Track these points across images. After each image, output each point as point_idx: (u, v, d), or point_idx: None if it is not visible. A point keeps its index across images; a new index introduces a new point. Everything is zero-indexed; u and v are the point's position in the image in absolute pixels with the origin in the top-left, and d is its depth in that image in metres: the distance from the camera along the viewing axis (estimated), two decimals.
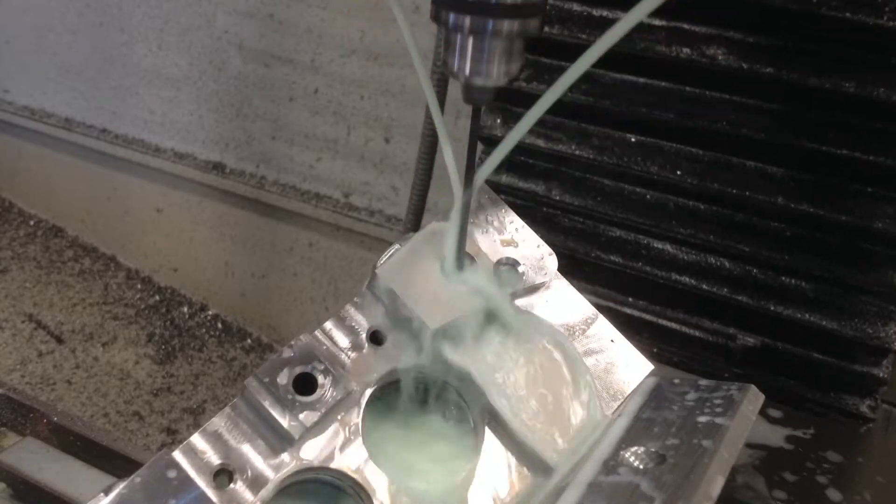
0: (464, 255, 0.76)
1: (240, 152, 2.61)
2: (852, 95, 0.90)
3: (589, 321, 0.80)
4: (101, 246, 3.10)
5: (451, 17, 0.63)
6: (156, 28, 2.63)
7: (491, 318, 0.76)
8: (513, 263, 0.79)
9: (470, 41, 0.64)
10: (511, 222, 0.81)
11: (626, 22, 0.61)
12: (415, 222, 1.71)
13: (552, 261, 0.81)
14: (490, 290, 0.76)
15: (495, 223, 0.81)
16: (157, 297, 2.91)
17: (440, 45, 1.23)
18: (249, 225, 2.67)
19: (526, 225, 0.82)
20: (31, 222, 3.20)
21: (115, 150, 2.84)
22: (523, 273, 0.79)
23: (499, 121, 1.10)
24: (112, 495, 0.62)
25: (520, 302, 0.79)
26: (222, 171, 2.65)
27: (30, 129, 3.04)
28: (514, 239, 0.80)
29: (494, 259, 0.79)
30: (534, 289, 0.80)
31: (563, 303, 0.80)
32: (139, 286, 2.95)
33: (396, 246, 0.77)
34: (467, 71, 0.65)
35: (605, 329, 0.80)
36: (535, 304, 0.79)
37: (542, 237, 0.82)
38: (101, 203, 3.01)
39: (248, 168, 2.61)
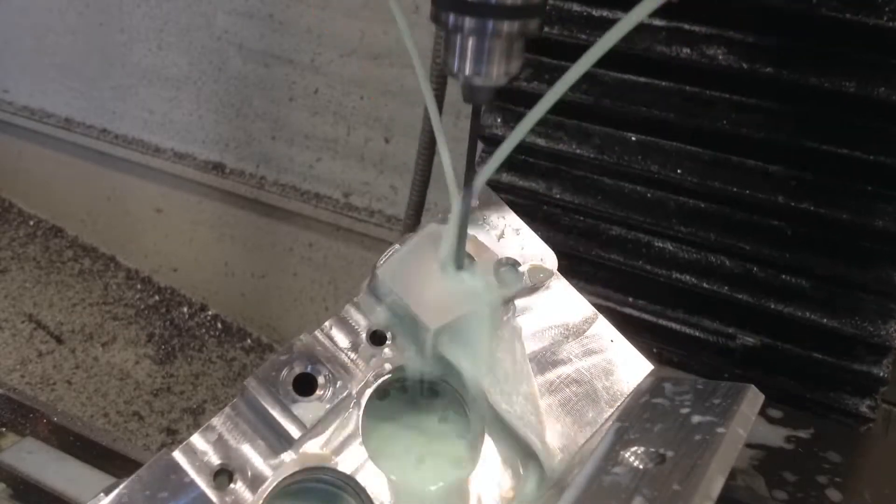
0: (464, 255, 0.76)
1: (240, 152, 2.61)
2: (852, 95, 0.90)
3: (589, 321, 0.80)
4: (101, 246, 3.09)
5: (451, 17, 0.63)
6: (156, 28, 2.63)
7: (490, 318, 0.76)
8: (513, 263, 0.79)
9: (470, 42, 0.64)
10: (511, 222, 0.81)
11: (624, 25, 0.61)
12: (415, 222, 1.71)
13: (552, 261, 0.81)
14: (490, 290, 0.76)
15: (495, 223, 0.81)
16: (157, 298, 2.91)
17: (440, 45, 1.23)
18: (249, 225, 2.67)
19: (526, 225, 0.82)
20: (31, 222, 3.20)
21: (115, 150, 2.84)
22: (523, 273, 0.79)
23: (499, 120, 1.10)
24: (112, 495, 0.62)
25: (520, 302, 0.79)
26: (222, 171, 2.65)
27: (30, 129, 3.03)
28: (513, 239, 0.80)
29: (494, 259, 0.79)
30: (534, 289, 0.80)
31: (562, 303, 0.80)
32: (139, 286, 2.95)
33: (396, 246, 0.77)
34: (467, 71, 0.65)
35: (604, 329, 0.80)
36: (535, 304, 0.79)
37: (542, 236, 0.82)
38: (101, 203, 3.01)
39: (247, 168, 2.61)
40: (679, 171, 1.01)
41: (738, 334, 1.03)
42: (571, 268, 0.84)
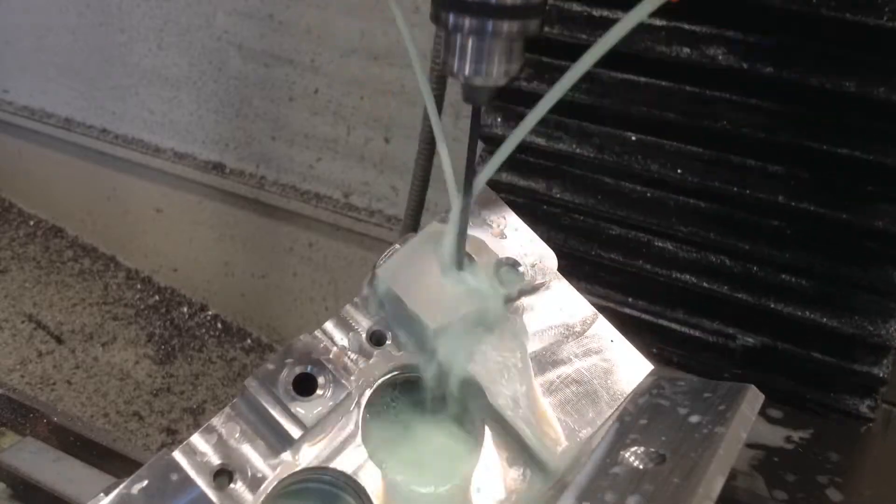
0: (463, 255, 0.76)
1: (240, 152, 2.61)
2: (852, 95, 0.90)
3: (588, 321, 0.80)
4: (101, 246, 3.10)
5: (451, 17, 0.62)
6: (156, 28, 2.63)
7: (490, 317, 0.76)
8: (513, 263, 0.79)
9: (470, 41, 0.63)
10: (511, 222, 0.81)
11: (625, 24, 0.61)
12: (414, 222, 1.70)
13: (552, 261, 0.81)
14: (490, 290, 0.76)
15: (495, 223, 0.81)
16: (157, 298, 2.91)
17: (439, 47, 1.23)
18: (249, 225, 2.67)
19: (525, 224, 0.82)
20: (31, 222, 3.20)
21: (115, 150, 2.84)
22: (523, 273, 0.79)
23: (499, 119, 1.10)
24: (112, 495, 0.62)
25: (520, 302, 0.79)
26: (222, 171, 2.65)
27: (30, 129, 3.03)
28: (513, 238, 0.80)
29: (494, 259, 0.79)
30: (534, 289, 0.80)
31: (562, 303, 0.80)
32: (139, 286, 2.95)
33: (396, 246, 0.77)
34: (467, 71, 0.65)
35: (604, 329, 0.80)
36: (535, 304, 0.79)
37: (542, 235, 0.82)
38: (101, 203, 3.01)
39: (248, 168, 2.61)
40: (679, 170, 1.01)
41: (738, 335, 1.03)
42: (571, 268, 0.84)
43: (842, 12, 0.88)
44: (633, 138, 1.04)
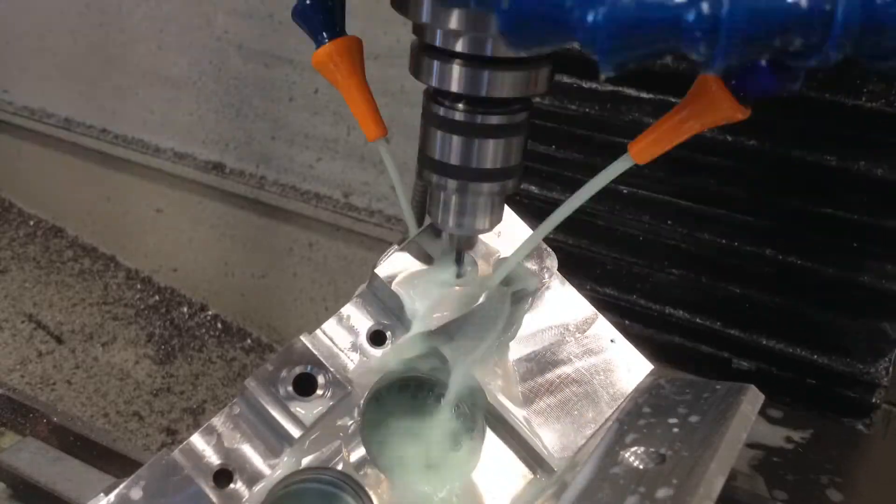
0: (463, 255, 0.76)
1: (240, 152, 2.61)
2: (834, 168, 0.93)
3: (589, 321, 0.80)
4: (101, 246, 3.09)
5: (435, 177, 0.68)
6: (156, 28, 2.63)
7: (490, 317, 0.76)
8: None
9: (453, 199, 0.69)
10: (510, 222, 0.81)
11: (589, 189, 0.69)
12: (418, 222, 1.70)
13: (552, 261, 0.81)
14: (489, 289, 0.76)
15: None
16: (157, 298, 2.91)
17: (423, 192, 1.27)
18: (249, 225, 2.67)
19: (525, 224, 0.82)
20: (31, 222, 3.20)
21: (115, 150, 2.84)
22: (523, 272, 0.79)
23: None
24: (112, 495, 0.62)
25: (519, 302, 0.79)
26: (222, 171, 2.64)
27: (30, 129, 3.03)
28: (513, 238, 0.80)
29: (494, 258, 0.79)
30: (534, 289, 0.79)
31: (562, 303, 0.80)
32: (139, 286, 2.95)
33: (396, 246, 0.77)
34: (451, 224, 0.70)
35: (604, 329, 0.80)
36: (535, 304, 0.79)
37: None
38: (101, 203, 3.01)
39: (248, 168, 2.60)
40: (669, 221, 1.05)
41: (734, 359, 1.05)
42: None
43: (822, 93, 0.91)
44: (625, 191, 1.07)
